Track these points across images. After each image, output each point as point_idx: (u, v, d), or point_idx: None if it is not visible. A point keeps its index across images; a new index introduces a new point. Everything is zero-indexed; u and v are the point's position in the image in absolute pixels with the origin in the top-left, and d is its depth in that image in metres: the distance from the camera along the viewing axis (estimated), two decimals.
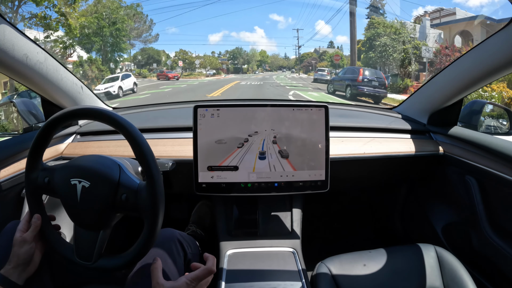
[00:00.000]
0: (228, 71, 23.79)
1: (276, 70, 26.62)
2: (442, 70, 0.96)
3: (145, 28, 17.44)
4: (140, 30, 17.13)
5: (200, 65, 21.56)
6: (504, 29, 0.69)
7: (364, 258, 0.81)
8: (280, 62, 27.76)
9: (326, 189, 0.87)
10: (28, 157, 0.60)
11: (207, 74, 20.91)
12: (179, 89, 12.71)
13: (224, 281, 0.76)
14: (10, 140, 0.87)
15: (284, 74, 24.01)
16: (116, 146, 0.96)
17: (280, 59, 28.02)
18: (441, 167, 1.03)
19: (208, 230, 1.23)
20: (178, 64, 20.34)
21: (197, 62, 21.34)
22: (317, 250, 0.97)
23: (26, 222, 0.61)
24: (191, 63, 21.27)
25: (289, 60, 27.86)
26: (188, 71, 21.10)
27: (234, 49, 25.61)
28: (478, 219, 0.87)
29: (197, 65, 21.19)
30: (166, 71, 17.30)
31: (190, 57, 21.46)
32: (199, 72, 21.26)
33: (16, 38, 0.71)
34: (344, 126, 1.05)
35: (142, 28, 17.28)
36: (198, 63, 21.36)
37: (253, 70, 25.59)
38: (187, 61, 21.30)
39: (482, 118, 1.07)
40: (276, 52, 29.16)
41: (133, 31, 16.40)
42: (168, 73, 16.75)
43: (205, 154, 0.83)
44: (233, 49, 25.70)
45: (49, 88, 0.90)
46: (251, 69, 25.45)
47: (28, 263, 0.58)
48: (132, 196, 0.56)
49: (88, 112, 0.58)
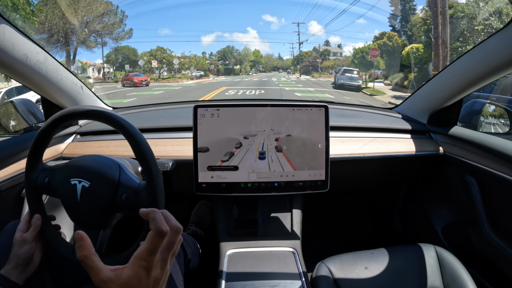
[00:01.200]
0: (218, 72, 21.24)
1: (270, 71, 25.33)
2: (442, 70, 0.96)
3: (116, 22, 13.95)
4: (108, 24, 13.53)
5: (180, 65, 18.18)
6: (504, 29, 0.69)
7: (364, 258, 0.81)
8: (274, 62, 26.75)
9: (326, 189, 0.87)
10: (28, 157, 0.60)
11: (191, 77, 17.91)
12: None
13: (224, 281, 0.76)
14: (10, 140, 0.87)
15: (280, 75, 22.09)
16: (116, 146, 0.96)
17: (274, 59, 27.00)
18: (441, 167, 1.03)
19: (208, 230, 1.24)
20: (152, 64, 16.79)
21: (176, 61, 17.67)
22: (317, 250, 0.97)
23: (26, 222, 0.61)
24: (169, 63, 17.82)
25: (283, 61, 26.82)
26: (170, 73, 17.74)
27: (225, 48, 23.27)
28: (478, 219, 0.87)
29: (175, 65, 17.72)
30: (132, 75, 13.52)
31: (169, 56, 17.76)
32: (183, 74, 18.08)
33: (16, 38, 0.71)
34: (344, 126, 1.05)
35: (111, 22, 13.67)
36: (177, 63, 17.83)
37: (246, 71, 23.60)
38: (165, 61, 17.68)
39: (482, 118, 1.07)
40: (269, 52, 28.08)
41: (98, 24, 13.02)
42: (134, 77, 12.97)
43: (205, 154, 0.83)
44: (224, 48, 23.42)
45: (49, 88, 0.90)
46: (243, 70, 23.43)
47: (28, 263, 0.58)
48: (132, 196, 0.56)
49: (88, 112, 0.58)
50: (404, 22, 14.70)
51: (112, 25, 13.93)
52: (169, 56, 17.58)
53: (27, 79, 0.82)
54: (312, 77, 19.75)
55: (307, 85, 14.23)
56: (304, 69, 21.40)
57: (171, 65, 17.66)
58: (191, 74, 18.23)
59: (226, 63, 22.75)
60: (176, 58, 18.01)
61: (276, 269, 0.79)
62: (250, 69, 24.36)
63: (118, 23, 14.12)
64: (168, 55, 17.53)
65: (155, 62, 16.92)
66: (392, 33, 14.92)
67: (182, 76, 17.80)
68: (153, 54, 17.77)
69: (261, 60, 25.65)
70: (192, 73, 18.28)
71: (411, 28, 13.63)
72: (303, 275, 0.77)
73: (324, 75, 19.92)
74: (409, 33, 13.75)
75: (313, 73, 20.46)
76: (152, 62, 16.81)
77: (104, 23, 13.38)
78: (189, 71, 18.37)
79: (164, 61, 17.63)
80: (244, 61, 23.71)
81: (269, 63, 26.40)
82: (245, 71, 23.74)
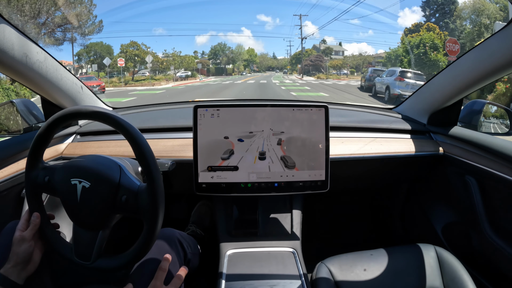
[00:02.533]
0: (209, 72, 18.47)
1: (265, 71, 23.84)
2: (442, 70, 0.96)
3: (84, 14, 11.10)
4: (71, 15, 10.69)
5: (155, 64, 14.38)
6: (504, 29, 0.69)
7: (364, 258, 0.81)
8: (269, 62, 25.31)
9: (326, 189, 0.87)
10: (28, 155, 0.60)
11: (175, 78, 14.81)
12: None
13: (224, 281, 0.76)
14: (10, 140, 0.87)
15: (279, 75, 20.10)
16: (116, 146, 0.96)
17: (269, 58, 25.61)
18: (441, 167, 1.03)
19: (208, 230, 1.23)
20: (118, 63, 13.23)
21: (149, 59, 13.92)
22: (317, 250, 0.97)
23: (25, 220, 0.61)
24: (143, 61, 14.05)
25: (278, 60, 25.41)
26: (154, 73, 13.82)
27: (216, 45, 20.64)
28: (478, 219, 0.87)
29: (149, 63, 13.83)
30: (82, 79, 8.06)
31: (143, 53, 13.87)
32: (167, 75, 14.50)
33: (15, 37, 0.71)
34: (344, 126, 1.05)
35: (77, 13, 10.75)
36: (151, 60, 14.12)
37: (239, 71, 21.42)
38: (138, 59, 13.92)
39: (482, 118, 1.07)
40: (264, 52, 26.34)
41: (55, 16, 10.02)
42: (84, 82, 7.17)
43: (205, 154, 0.83)
44: (215, 45, 20.82)
45: (49, 88, 0.90)
46: (237, 69, 21.09)
47: (28, 262, 0.58)
48: (132, 198, 0.56)
49: (88, 112, 0.58)
50: (440, 14, 11.31)
51: (78, 17, 10.81)
52: (143, 53, 14.13)
53: (27, 79, 0.82)
54: (317, 78, 16.88)
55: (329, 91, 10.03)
56: (305, 69, 19.49)
57: (144, 64, 14.32)
58: (175, 74, 14.98)
59: (217, 62, 20.17)
60: (150, 55, 14.44)
61: (276, 270, 0.79)
62: (244, 69, 22.48)
63: (87, 14, 11.18)
64: (142, 51, 13.94)
65: (121, 60, 13.49)
66: (432, 25, 11.02)
67: (163, 77, 14.27)
68: (123, 50, 14.01)
69: (255, 59, 23.79)
70: (176, 74, 15.02)
71: (454, 21, 10.38)
72: (303, 275, 0.77)
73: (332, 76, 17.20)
74: (452, 26, 10.51)
75: (318, 74, 17.97)
76: (118, 61, 13.35)
77: (69, 14, 10.54)
78: (173, 71, 15.03)
79: (137, 59, 14.34)
80: (237, 60, 21.33)
81: (263, 62, 25.06)
82: (238, 71, 21.57)
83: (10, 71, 0.75)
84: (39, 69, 0.81)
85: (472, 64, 0.82)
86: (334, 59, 19.08)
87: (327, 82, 14.50)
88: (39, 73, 0.82)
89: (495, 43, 0.73)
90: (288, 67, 23.27)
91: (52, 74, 0.87)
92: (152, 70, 14.60)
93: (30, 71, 0.79)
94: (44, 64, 0.82)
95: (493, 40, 0.73)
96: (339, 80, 16.14)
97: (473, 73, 0.82)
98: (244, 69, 22.45)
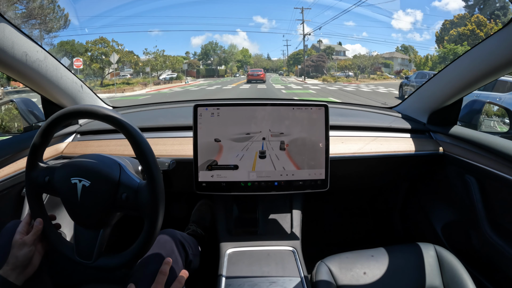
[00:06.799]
0: (198, 74, 16.51)
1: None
2: (442, 69, 0.96)
3: (46, 9, 9.03)
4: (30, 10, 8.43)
5: (120, 63, 11.70)
6: (504, 29, 0.69)
7: (364, 257, 0.81)
8: (264, 63, 24.27)
9: (326, 188, 0.87)
10: (28, 156, 0.60)
11: (156, 81, 12.70)
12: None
13: (224, 279, 0.76)
14: (10, 139, 0.87)
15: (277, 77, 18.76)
16: (116, 145, 0.96)
17: (264, 59, 24.72)
18: (441, 167, 1.03)
19: (208, 229, 1.24)
20: (74, 64, 10.61)
21: (114, 59, 11.06)
22: (317, 249, 0.97)
23: (26, 224, 0.60)
24: (109, 62, 11.20)
25: (272, 62, 24.51)
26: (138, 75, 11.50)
27: (207, 44, 18.90)
28: (477, 219, 0.87)
29: (113, 63, 11.15)
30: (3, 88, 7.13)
31: (112, 50, 11.23)
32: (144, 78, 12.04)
33: (15, 36, 0.71)
34: (344, 126, 1.05)
35: (36, 6, 8.52)
36: (116, 60, 11.24)
37: (232, 72, 19.93)
38: (105, 58, 11.36)
39: (482, 118, 1.07)
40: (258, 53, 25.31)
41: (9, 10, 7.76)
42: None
43: (205, 153, 0.83)
44: (206, 44, 18.92)
45: (49, 87, 0.89)
46: (229, 71, 19.48)
47: (27, 265, 0.58)
48: (132, 196, 0.56)
49: (89, 111, 0.58)
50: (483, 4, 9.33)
51: (39, 9, 8.68)
52: (112, 50, 11.32)
53: (27, 78, 0.82)
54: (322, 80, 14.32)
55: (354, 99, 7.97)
56: (305, 70, 18.05)
57: (110, 64, 11.61)
58: (157, 77, 12.95)
59: (208, 63, 18.00)
60: (115, 52, 11.53)
61: (276, 268, 0.79)
62: (237, 70, 20.76)
63: (51, 8, 9.22)
64: (111, 49, 11.06)
65: (78, 61, 10.77)
66: (482, 18, 9.76)
67: (140, 80, 11.97)
68: (88, 49, 11.27)
69: (249, 60, 22.18)
70: (159, 76, 12.99)
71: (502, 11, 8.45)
72: (303, 274, 0.77)
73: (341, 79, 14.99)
74: (503, 19, 8.69)
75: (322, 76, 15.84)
76: (74, 61, 10.65)
77: (31, 6, 8.23)
78: (155, 73, 12.86)
79: (105, 58, 11.64)
80: (230, 61, 19.41)
81: (258, 63, 23.66)
82: (231, 72, 19.78)
83: (10, 70, 0.75)
84: (39, 68, 0.81)
85: (472, 64, 0.82)
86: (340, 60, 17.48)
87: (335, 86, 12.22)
88: (39, 72, 0.82)
89: (495, 43, 0.73)
90: (284, 68, 22.46)
91: (52, 73, 0.87)
92: (135, 72, 12.52)
93: (30, 69, 0.79)
94: (44, 63, 0.82)
95: (493, 40, 0.73)
96: (349, 83, 14.33)
97: (472, 73, 0.82)
98: (238, 70, 20.73)
